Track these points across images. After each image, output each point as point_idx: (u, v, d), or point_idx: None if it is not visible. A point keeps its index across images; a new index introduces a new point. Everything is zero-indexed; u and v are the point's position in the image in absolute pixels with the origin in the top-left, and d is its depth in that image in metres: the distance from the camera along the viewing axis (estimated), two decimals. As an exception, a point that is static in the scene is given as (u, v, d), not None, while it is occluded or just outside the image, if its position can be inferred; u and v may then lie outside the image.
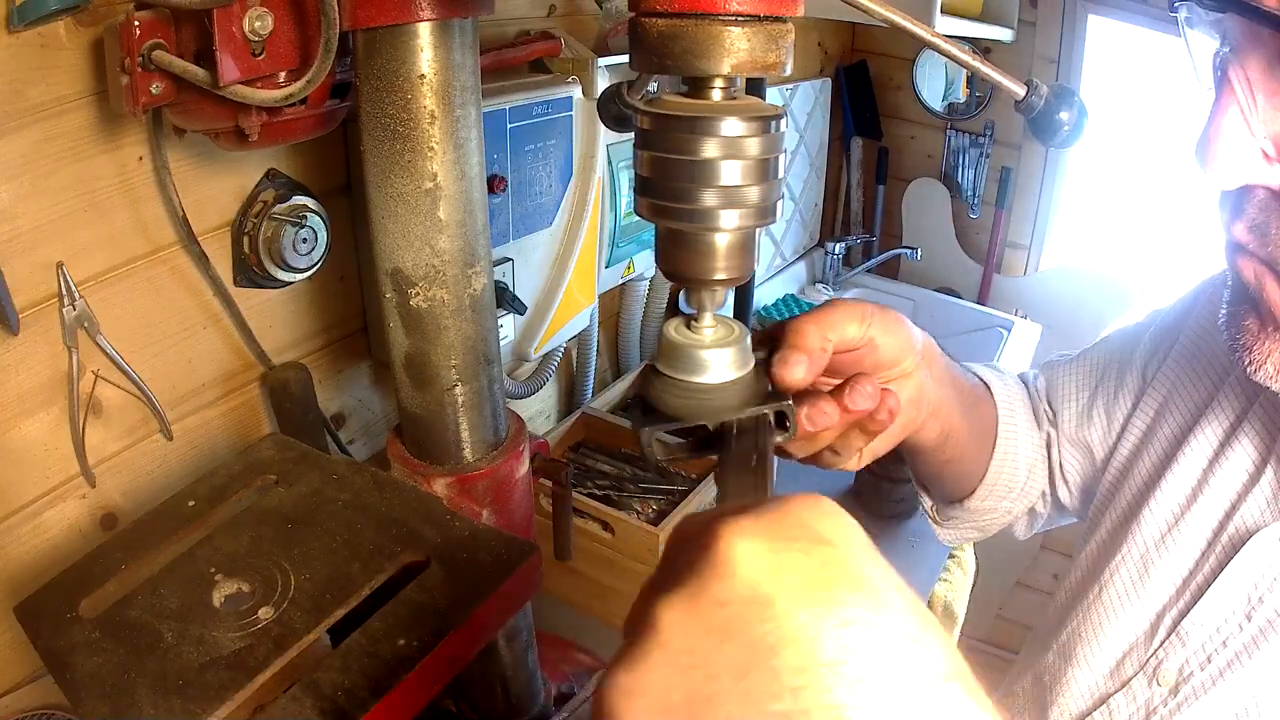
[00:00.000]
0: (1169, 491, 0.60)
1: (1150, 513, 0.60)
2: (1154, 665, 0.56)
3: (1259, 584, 0.52)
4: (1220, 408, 0.60)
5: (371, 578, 0.57)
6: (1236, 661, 0.51)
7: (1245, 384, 0.58)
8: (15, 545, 0.75)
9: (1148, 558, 0.59)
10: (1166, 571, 0.58)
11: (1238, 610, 0.52)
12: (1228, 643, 0.52)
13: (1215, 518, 0.56)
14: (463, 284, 0.61)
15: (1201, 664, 0.53)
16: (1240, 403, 0.59)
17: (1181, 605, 0.56)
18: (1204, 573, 0.55)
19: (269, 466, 0.68)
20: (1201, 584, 0.55)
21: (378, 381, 1.08)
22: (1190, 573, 0.57)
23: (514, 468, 0.70)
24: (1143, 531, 0.60)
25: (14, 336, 0.70)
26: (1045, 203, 2.15)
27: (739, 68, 0.39)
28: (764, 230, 1.69)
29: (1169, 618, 0.56)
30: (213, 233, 0.83)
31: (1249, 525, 0.54)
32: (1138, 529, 0.61)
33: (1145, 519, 0.60)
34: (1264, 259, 0.44)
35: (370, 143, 0.57)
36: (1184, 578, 0.57)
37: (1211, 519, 0.57)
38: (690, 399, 0.47)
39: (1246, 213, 0.44)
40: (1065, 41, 1.94)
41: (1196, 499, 0.58)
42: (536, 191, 1.06)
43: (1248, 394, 0.58)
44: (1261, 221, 0.44)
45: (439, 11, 0.53)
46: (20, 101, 0.66)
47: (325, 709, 0.49)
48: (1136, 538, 0.60)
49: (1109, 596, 0.60)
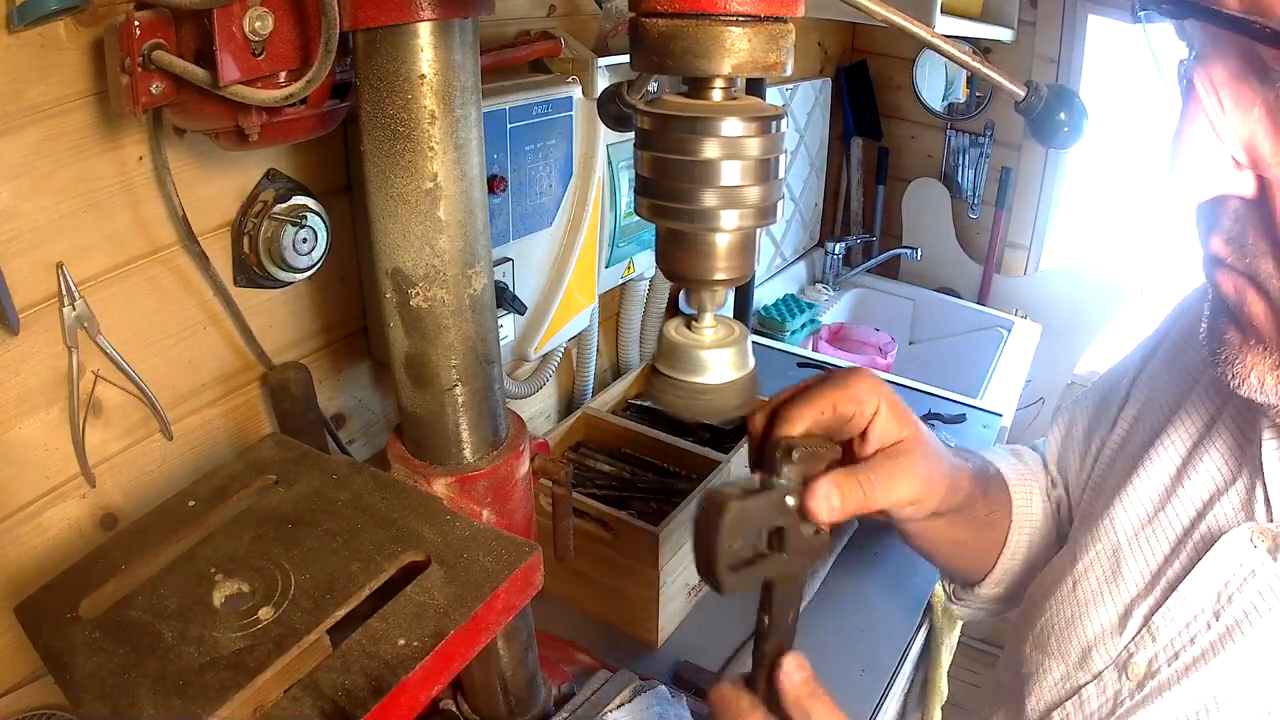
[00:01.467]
0: (1142, 489, 0.61)
1: (1124, 509, 0.61)
2: (1124, 658, 0.57)
3: (1229, 583, 0.52)
4: (1194, 408, 0.60)
5: (371, 578, 0.57)
6: (1202, 659, 0.52)
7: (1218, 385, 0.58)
8: (15, 545, 0.76)
9: (1120, 553, 0.60)
10: (1138, 566, 0.59)
11: (1206, 608, 0.53)
12: (1195, 640, 0.53)
13: (1188, 516, 0.57)
14: (463, 284, 0.61)
15: (1169, 659, 0.54)
16: (1214, 403, 0.59)
17: (1153, 600, 0.57)
18: (1175, 569, 0.56)
19: (269, 466, 0.68)
20: (1173, 580, 0.56)
21: (378, 381, 1.08)
22: (1161, 568, 0.57)
23: (514, 468, 0.70)
24: (1116, 527, 0.61)
25: (14, 336, 0.70)
26: (1045, 203, 2.15)
27: (739, 68, 0.39)
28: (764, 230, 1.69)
29: (1140, 612, 0.57)
30: (213, 233, 0.83)
31: (1220, 525, 0.54)
32: (1112, 524, 0.62)
33: (1119, 515, 0.61)
34: (1243, 270, 0.44)
35: (370, 143, 0.57)
36: (1154, 573, 0.58)
37: (1184, 517, 0.57)
38: (691, 399, 0.47)
39: (1221, 224, 0.44)
40: (1065, 41, 1.94)
41: (1170, 497, 0.59)
42: (536, 191, 1.06)
43: (1221, 395, 0.59)
44: (1237, 233, 0.43)
45: (439, 11, 0.53)
46: (20, 101, 0.66)
47: (325, 709, 0.49)
48: (1110, 533, 0.61)
49: (1083, 590, 0.62)
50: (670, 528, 1.05)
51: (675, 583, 1.11)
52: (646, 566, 1.06)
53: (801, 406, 0.57)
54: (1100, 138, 2.02)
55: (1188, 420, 0.61)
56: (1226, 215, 0.43)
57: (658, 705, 0.94)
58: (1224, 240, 0.44)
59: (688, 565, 1.14)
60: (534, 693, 0.87)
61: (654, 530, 1.03)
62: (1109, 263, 2.16)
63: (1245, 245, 0.43)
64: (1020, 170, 2.13)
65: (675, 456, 1.25)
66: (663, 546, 1.04)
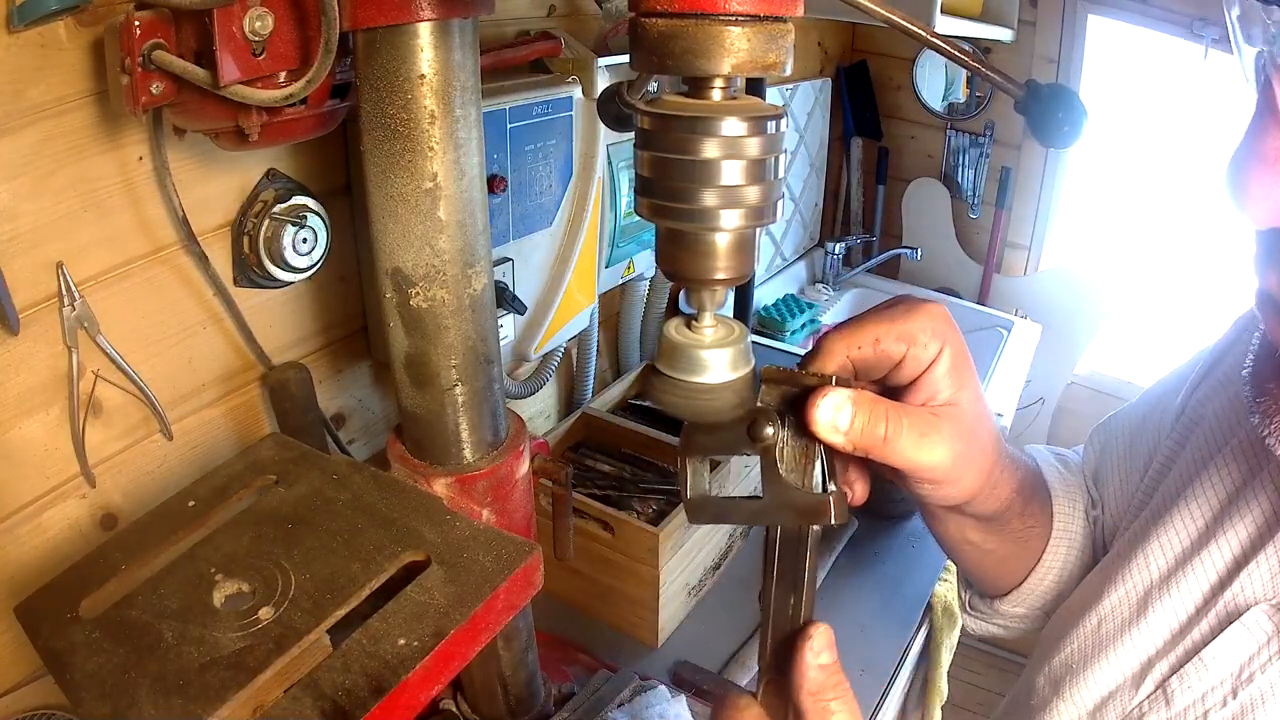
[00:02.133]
0: (1180, 528, 0.55)
1: (1160, 547, 0.56)
2: (1136, 716, 0.53)
3: (1253, 659, 0.49)
4: (1241, 449, 0.54)
5: (371, 578, 0.57)
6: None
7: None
8: (15, 545, 0.76)
9: (1147, 598, 0.55)
10: (1161, 621, 0.54)
11: (1226, 682, 0.49)
12: (1209, 715, 0.49)
13: (1217, 573, 0.52)
14: (463, 284, 0.61)
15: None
16: (1262, 448, 0.52)
17: (1173, 660, 0.52)
18: (1198, 633, 0.51)
19: (269, 466, 0.68)
20: (1194, 645, 0.51)
21: (378, 381, 1.08)
22: (1184, 627, 0.53)
23: (514, 468, 0.70)
24: (1151, 566, 0.56)
25: (14, 336, 0.70)
26: (1045, 203, 2.15)
27: (739, 68, 0.39)
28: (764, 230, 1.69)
29: (1158, 670, 0.53)
30: (213, 233, 0.83)
31: (1249, 597, 0.49)
32: (1146, 561, 0.56)
33: (1154, 553, 0.56)
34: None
35: (370, 143, 0.57)
36: (1177, 630, 0.53)
37: (1213, 573, 0.52)
38: (690, 399, 0.47)
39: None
40: (1065, 41, 1.94)
41: (1202, 548, 0.53)
42: (536, 191, 1.06)
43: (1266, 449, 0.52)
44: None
45: (439, 11, 0.53)
46: (20, 101, 0.66)
47: (325, 709, 0.49)
48: (1143, 571, 0.56)
49: (1106, 631, 0.57)
50: (670, 528, 1.05)
51: (675, 583, 1.11)
52: (646, 566, 1.06)
53: (838, 338, 0.47)
54: (1101, 138, 2.02)
55: (1233, 462, 0.54)
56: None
57: (658, 705, 0.94)
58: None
59: (688, 565, 1.14)
60: (534, 693, 0.87)
61: (654, 530, 1.03)
62: (1109, 263, 2.16)
63: None
64: (1020, 170, 2.13)
65: (675, 457, 1.25)
66: (663, 546, 1.04)
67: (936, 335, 0.47)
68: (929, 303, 0.49)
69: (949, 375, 0.48)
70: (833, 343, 0.48)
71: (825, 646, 0.43)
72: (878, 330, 0.47)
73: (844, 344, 0.47)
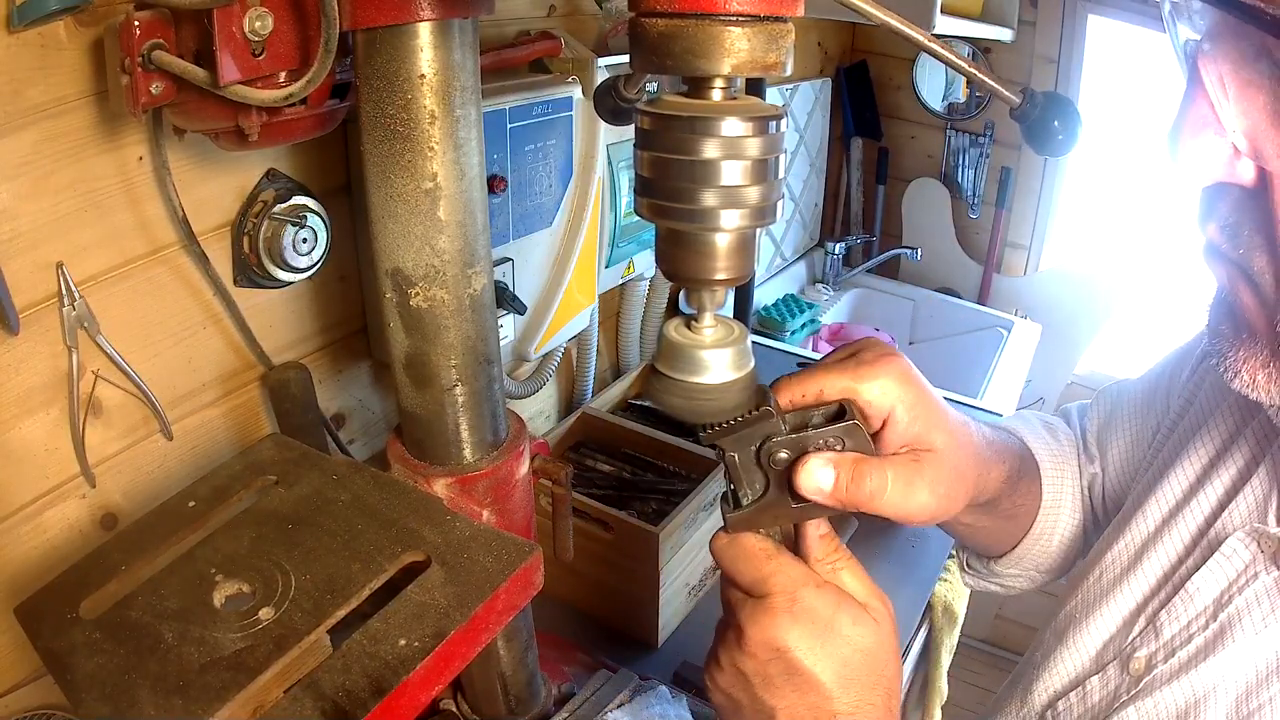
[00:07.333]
0: (1174, 484, 0.61)
1: (1156, 503, 0.62)
2: (1128, 652, 0.57)
3: (1233, 584, 0.53)
4: (1232, 406, 0.60)
5: (371, 578, 0.57)
6: (1196, 657, 0.53)
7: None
8: (15, 545, 0.75)
9: (1141, 550, 0.61)
10: (1154, 564, 0.59)
11: (1209, 609, 0.54)
12: (1192, 639, 0.54)
13: (1203, 516, 0.58)
14: (463, 284, 0.61)
15: (1166, 655, 0.55)
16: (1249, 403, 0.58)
17: (1162, 597, 0.57)
18: (1185, 568, 0.57)
19: (269, 467, 0.68)
20: (1181, 579, 0.56)
21: (378, 381, 1.08)
22: (1174, 566, 0.58)
23: (514, 468, 0.70)
24: (1148, 519, 0.61)
25: (14, 336, 0.70)
26: (1045, 203, 2.15)
27: (739, 68, 0.39)
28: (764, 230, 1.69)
29: (1149, 608, 0.58)
30: (213, 233, 0.83)
31: (1231, 528, 0.55)
32: (1143, 517, 0.62)
33: (1151, 509, 0.62)
34: (1235, 261, 0.43)
35: (370, 143, 0.57)
36: (1166, 571, 0.58)
37: (1199, 518, 0.58)
38: (691, 399, 0.47)
39: (1219, 212, 0.43)
40: (1065, 42, 1.94)
41: (1193, 496, 0.59)
42: (536, 191, 1.06)
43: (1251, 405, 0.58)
44: (1234, 222, 0.43)
45: (439, 11, 0.53)
46: (20, 101, 0.66)
47: (325, 709, 0.49)
48: (1141, 525, 0.62)
49: (1103, 583, 0.62)
50: (670, 528, 1.05)
51: (675, 583, 1.11)
52: (646, 566, 1.06)
53: (785, 386, 0.52)
54: (1100, 138, 2.02)
55: (1223, 419, 0.60)
56: (1226, 203, 0.43)
57: (658, 705, 0.94)
58: (1219, 228, 0.43)
59: (688, 565, 1.14)
60: (534, 693, 0.87)
61: (654, 530, 1.03)
62: (1109, 263, 2.16)
63: (1240, 236, 0.43)
64: (1020, 170, 2.13)
65: (675, 456, 1.25)
66: (663, 546, 1.04)
67: (886, 392, 0.51)
68: (886, 357, 0.52)
69: (912, 425, 0.52)
70: (779, 390, 0.51)
71: (822, 522, 0.50)
72: (823, 383, 0.51)
73: (788, 393, 0.51)
